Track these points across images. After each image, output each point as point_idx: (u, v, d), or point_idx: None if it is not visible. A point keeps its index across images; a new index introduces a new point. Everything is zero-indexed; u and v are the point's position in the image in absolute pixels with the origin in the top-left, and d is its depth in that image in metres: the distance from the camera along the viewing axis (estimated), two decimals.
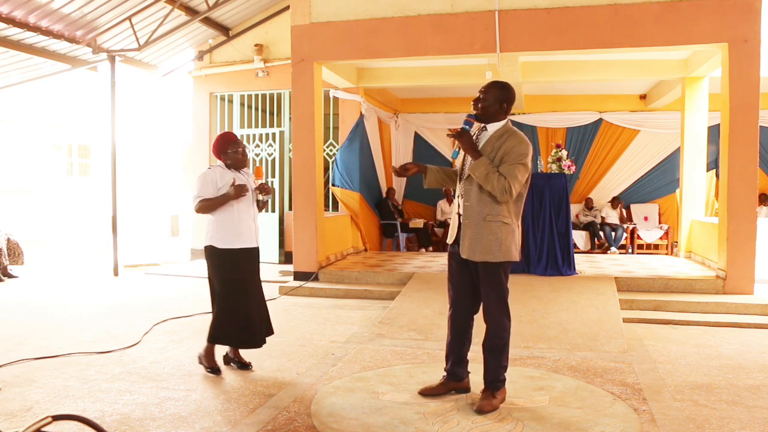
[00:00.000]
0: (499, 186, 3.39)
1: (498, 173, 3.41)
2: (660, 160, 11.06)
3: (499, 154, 3.46)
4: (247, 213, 4.21)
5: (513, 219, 3.54)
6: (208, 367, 4.21)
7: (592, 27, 6.75)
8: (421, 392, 3.75)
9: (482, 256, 3.48)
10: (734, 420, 3.38)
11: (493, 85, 3.60)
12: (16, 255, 9.44)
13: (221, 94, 10.43)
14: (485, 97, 3.55)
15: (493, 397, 3.53)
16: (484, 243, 3.47)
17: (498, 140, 3.50)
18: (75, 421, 1.76)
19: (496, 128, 3.56)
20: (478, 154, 3.49)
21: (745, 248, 6.45)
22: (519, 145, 3.46)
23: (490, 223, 3.47)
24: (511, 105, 3.59)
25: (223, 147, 4.21)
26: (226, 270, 4.14)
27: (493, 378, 3.56)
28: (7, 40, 7.92)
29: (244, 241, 4.16)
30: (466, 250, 3.52)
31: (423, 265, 8.15)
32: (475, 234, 3.49)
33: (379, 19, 7.26)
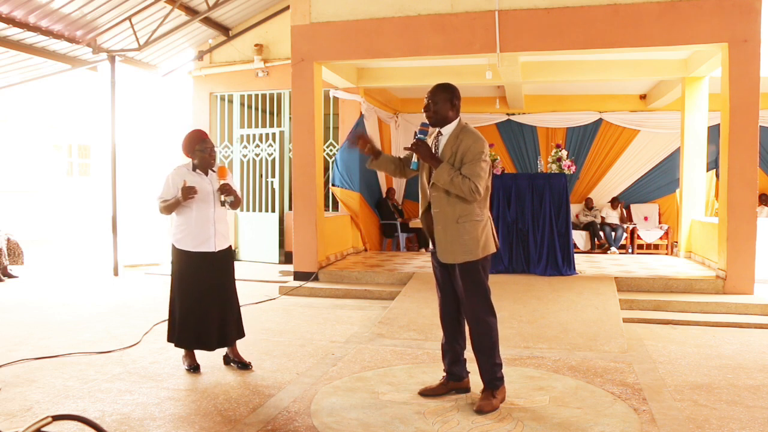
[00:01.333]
0: (465, 188, 3.43)
1: (461, 175, 3.44)
2: (660, 160, 11.06)
3: (458, 155, 3.50)
4: (206, 216, 4.14)
5: (484, 214, 3.59)
6: (186, 367, 4.24)
7: (592, 27, 6.75)
8: (421, 392, 3.75)
9: (463, 257, 3.51)
10: (734, 420, 3.38)
11: (437, 88, 3.65)
12: (16, 255, 9.44)
13: (221, 94, 10.43)
14: (434, 101, 3.60)
15: (492, 396, 3.53)
16: (460, 244, 3.50)
17: (455, 141, 3.54)
18: (75, 421, 1.76)
19: (450, 130, 3.60)
20: (438, 162, 3.52)
21: (745, 248, 6.45)
22: (475, 143, 3.50)
23: (464, 224, 3.51)
24: (459, 101, 3.64)
25: (191, 145, 4.18)
26: (179, 269, 4.19)
27: (490, 377, 3.56)
28: (7, 40, 7.92)
29: (198, 244, 4.13)
30: (444, 254, 3.55)
31: (423, 265, 8.15)
32: (451, 237, 3.52)
33: (379, 19, 7.26)
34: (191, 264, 4.15)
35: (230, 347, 4.34)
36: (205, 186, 4.16)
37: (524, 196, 7.47)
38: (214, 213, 4.17)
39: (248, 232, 10.14)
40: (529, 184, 7.50)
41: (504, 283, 6.88)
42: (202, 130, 4.32)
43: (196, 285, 4.15)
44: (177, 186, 4.10)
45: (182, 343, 4.22)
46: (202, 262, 4.15)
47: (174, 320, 4.22)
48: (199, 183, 4.14)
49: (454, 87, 3.66)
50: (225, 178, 4.13)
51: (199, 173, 4.21)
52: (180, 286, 4.19)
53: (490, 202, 7.37)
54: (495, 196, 7.52)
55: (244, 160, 10.15)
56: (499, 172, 7.72)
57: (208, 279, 4.17)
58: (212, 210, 4.17)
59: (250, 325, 5.64)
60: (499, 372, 3.58)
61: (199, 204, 4.13)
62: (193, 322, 4.14)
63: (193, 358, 4.29)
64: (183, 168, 4.20)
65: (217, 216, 4.19)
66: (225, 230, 4.28)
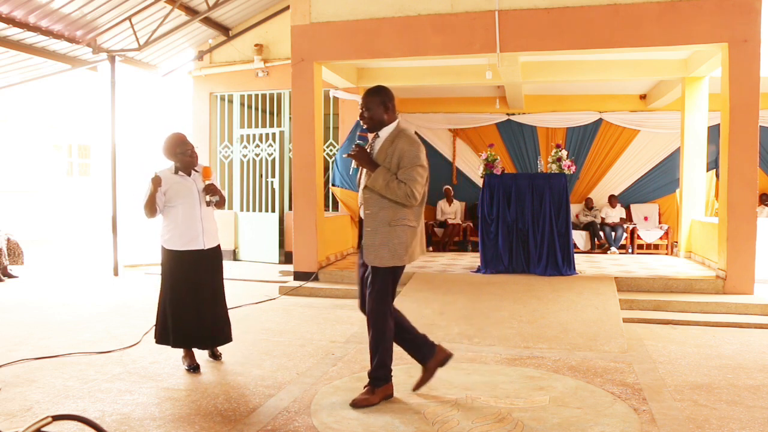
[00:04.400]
0: (401, 193, 3.43)
1: (397, 180, 3.44)
2: (660, 160, 11.05)
3: (394, 159, 3.49)
4: (193, 215, 4.20)
5: (417, 220, 3.58)
6: (186, 367, 4.27)
7: (592, 27, 6.75)
8: (414, 389, 3.77)
9: (389, 262, 3.51)
10: (734, 420, 3.38)
11: (367, 93, 3.64)
12: (16, 255, 9.44)
13: (221, 94, 10.43)
14: (367, 107, 3.60)
15: (372, 393, 3.59)
16: (389, 248, 3.50)
17: (391, 145, 3.54)
18: (75, 421, 1.76)
19: (387, 133, 3.59)
20: (375, 166, 3.51)
21: (745, 248, 6.45)
22: (411, 147, 3.50)
23: (395, 228, 3.50)
24: (393, 103, 3.63)
25: (172, 148, 4.24)
26: (169, 270, 4.24)
27: (375, 375, 3.61)
28: (7, 40, 7.92)
29: (186, 243, 4.19)
30: (371, 257, 3.53)
31: (423, 265, 8.15)
32: (381, 240, 3.51)
33: (379, 19, 7.26)
34: (182, 263, 4.20)
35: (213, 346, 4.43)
36: (189, 186, 4.23)
37: (524, 196, 7.47)
38: (200, 212, 4.24)
39: (248, 232, 10.15)
40: (529, 184, 7.49)
41: (504, 283, 6.88)
42: (181, 134, 4.34)
43: (188, 284, 4.19)
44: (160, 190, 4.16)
45: (178, 342, 4.24)
46: (192, 260, 4.21)
47: (166, 321, 4.23)
48: (183, 184, 4.21)
49: (385, 89, 3.65)
50: (210, 178, 4.21)
51: (181, 175, 4.25)
52: (172, 286, 4.22)
53: (491, 201, 7.48)
54: (495, 196, 7.53)
55: (244, 160, 10.15)
56: (499, 172, 7.72)
57: (199, 277, 4.22)
58: (198, 209, 4.23)
59: (250, 325, 5.66)
60: (385, 372, 3.62)
61: (185, 203, 4.19)
62: (188, 321, 4.19)
63: (193, 358, 4.31)
64: (165, 171, 4.25)
65: (203, 214, 4.26)
66: (213, 228, 4.34)
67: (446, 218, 10.98)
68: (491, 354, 4.72)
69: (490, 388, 3.89)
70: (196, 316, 4.19)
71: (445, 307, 5.97)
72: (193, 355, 4.32)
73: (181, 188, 4.19)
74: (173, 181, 4.19)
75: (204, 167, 4.26)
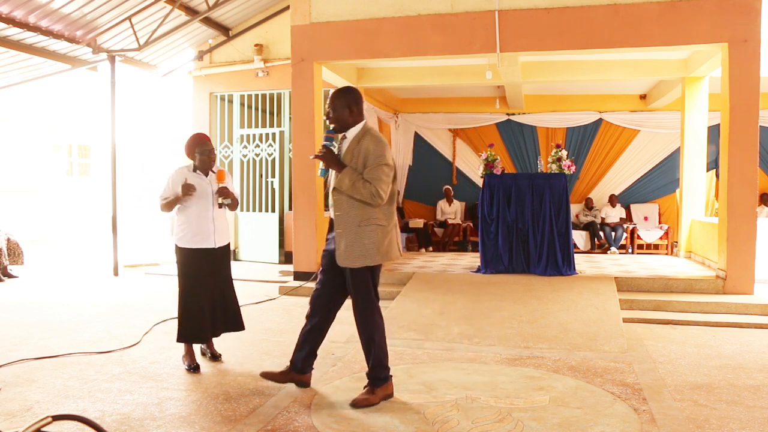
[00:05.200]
0: (367, 193, 3.44)
1: (363, 180, 3.44)
2: (660, 160, 11.06)
3: (360, 159, 3.51)
4: (205, 214, 4.33)
5: (387, 219, 3.58)
6: (186, 366, 4.30)
7: (592, 27, 6.75)
8: (262, 374, 3.79)
9: (360, 262, 3.51)
10: (734, 420, 3.38)
11: (335, 94, 3.64)
12: (16, 255, 9.44)
13: (221, 94, 10.42)
14: (332, 108, 3.61)
15: (372, 393, 3.60)
16: (360, 248, 3.50)
17: (357, 145, 3.55)
18: (75, 421, 1.76)
19: (354, 134, 3.60)
20: (342, 167, 3.52)
21: (745, 248, 6.45)
22: (376, 146, 3.51)
23: (365, 228, 3.51)
24: (358, 106, 3.62)
25: (192, 148, 4.41)
26: (182, 267, 4.37)
27: (374, 375, 3.62)
28: (7, 40, 7.92)
29: (198, 241, 4.32)
30: (342, 258, 3.54)
31: (423, 265, 8.15)
32: (351, 241, 3.52)
33: (379, 19, 7.26)
34: (193, 260, 4.33)
35: None
36: (204, 186, 4.36)
37: (524, 196, 7.47)
38: (213, 212, 4.36)
39: (248, 232, 10.15)
40: (529, 184, 7.49)
41: (504, 283, 6.88)
42: (203, 134, 4.54)
43: (199, 280, 4.32)
44: (177, 185, 4.29)
45: (182, 337, 4.30)
46: (203, 257, 4.34)
47: (180, 316, 4.33)
48: (199, 183, 4.35)
49: (352, 91, 3.66)
50: (223, 182, 4.34)
51: (199, 174, 4.40)
52: (186, 284, 4.35)
53: (491, 201, 7.48)
54: (495, 196, 7.52)
55: (244, 160, 10.14)
56: (499, 172, 7.71)
57: (210, 272, 4.35)
58: (211, 209, 4.35)
59: (250, 325, 5.64)
60: (384, 371, 3.63)
61: (199, 203, 4.32)
62: (202, 314, 4.30)
63: (193, 358, 4.33)
64: (184, 169, 4.42)
65: (216, 214, 4.39)
66: (224, 227, 4.47)
67: (446, 218, 10.98)
68: (491, 354, 4.72)
69: (490, 388, 3.89)
70: (209, 307, 4.33)
71: (445, 307, 5.97)
72: (194, 355, 4.36)
73: (199, 187, 4.31)
74: (190, 179, 4.32)
75: (219, 170, 4.37)
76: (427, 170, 11.71)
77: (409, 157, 11.79)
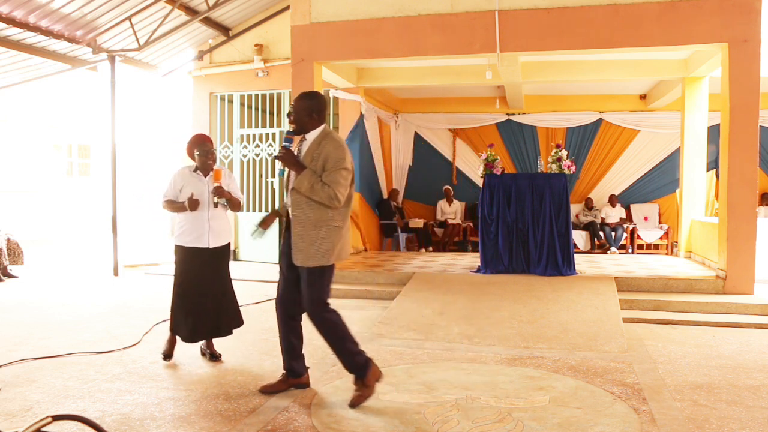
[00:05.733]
0: (325, 195, 3.47)
1: (322, 183, 3.48)
2: (660, 160, 11.06)
3: (320, 161, 3.53)
4: (201, 215, 4.38)
5: (343, 220, 3.63)
6: (162, 353, 4.46)
7: (592, 27, 6.75)
8: (261, 390, 3.78)
9: (315, 262, 3.54)
10: (734, 420, 3.38)
11: (300, 96, 3.68)
12: (16, 255, 9.43)
13: (221, 94, 10.42)
14: (294, 110, 3.64)
15: (364, 385, 3.60)
16: (316, 248, 3.53)
17: (317, 148, 3.57)
18: (75, 421, 1.77)
19: (314, 136, 3.63)
20: (301, 168, 3.55)
21: (745, 248, 6.45)
22: (336, 150, 3.54)
23: (322, 229, 3.55)
24: (321, 113, 3.66)
25: (191, 148, 4.49)
26: (177, 264, 4.46)
27: (353, 367, 3.63)
28: (7, 40, 7.92)
29: (192, 240, 4.37)
30: (299, 257, 3.56)
31: (423, 265, 8.15)
32: (308, 241, 3.54)
33: (379, 19, 7.26)
34: (186, 258, 4.40)
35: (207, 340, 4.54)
36: (201, 187, 4.41)
37: (524, 196, 7.47)
38: (208, 212, 4.39)
39: (248, 232, 10.12)
40: (529, 184, 7.49)
41: (504, 283, 6.88)
42: (203, 135, 4.58)
43: (191, 278, 4.39)
44: (176, 186, 4.42)
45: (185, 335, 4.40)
46: (196, 256, 4.38)
47: (176, 314, 4.44)
48: (197, 184, 4.40)
49: (317, 96, 3.69)
50: (219, 181, 4.36)
51: (198, 174, 4.45)
52: (178, 280, 4.43)
53: (491, 201, 7.48)
54: (495, 196, 7.53)
55: (244, 160, 10.14)
56: (499, 172, 7.72)
57: (203, 272, 4.40)
58: (207, 209, 4.38)
59: (250, 325, 5.65)
60: (360, 359, 3.63)
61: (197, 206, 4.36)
62: (188, 314, 4.36)
63: (171, 347, 4.48)
64: (186, 169, 4.47)
65: (211, 215, 4.40)
66: (221, 228, 4.47)
67: (446, 218, 10.98)
68: (491, 354, 4.72)
69: (490, 388, 3.89)
70: (200, 309, 4.35)
71: (445, 307, 5.97)
72: (173, 345, 4.49)
73: (196, 187, 4.37)
74: (191, 179, 4.39)
75: (215, 170, 4.40)
76: (427, 170, 11.71)
77: (409, 157, 11.79)
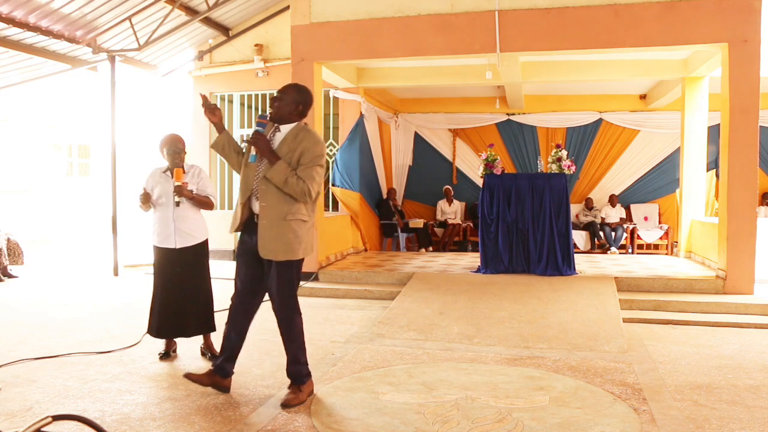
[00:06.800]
0: (298, 189, 3.45)
1: (296, 176, 3.45)
2: (660, 160, 11.06)
3: (296, 155, 3.50)
4: (166, 215, 4.40)
5: (310, 215, 3.62)
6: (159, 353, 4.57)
7: (592, 27, 6.75)
8: (186, 375, 3.75)
9: (284, 255, 3.51)
10: (734, 420, 3.38)
11: (291, 86, 3.64)
12: (16, 255, 9.43)
13: (221, 94, 10.43)
14: (282, 97, 3.58)
15: (299, 390, 3.62)
16: (284, 242, 3.51)
17: (294, 140, 3.54)
18: (75, 421, 1.77)
19: (289, 128, 3.59)
20: (276, 158, 3.50)
21: (745, 248, 6.45)
22: (315, 146, 3.52)
23: (290, 222, 3.52)
24: (307, 108, 3.63)
25: (161, 147, 4.49)
26: (153, 264, 4.57)
27: (296, 374, 3.65)
28: (7, 40, 7.92)
29: (160, 240, 4.45)
30: (266, 250, 3.53)
31: (423, 265, 8.15)
32: (276, 234, 3.51)
33: (379, 19, 7.26)
34: (157, 258, 4.51)
35: (204, 339, 4.58)
36: (169, 187, 4.40)
37: (524, 196, 7.47)
38: (173, 212, 4.39)
39: None
40: (529, 184, 7.50)
41: (504, 283, 6.88)
42: (174, 135, 4.52)
43: (161, 277, 4.48)
44: (147, 187, 4.47)
45: (152, 331, 4.53)
46: (164, 256, 4.46)
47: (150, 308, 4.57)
48: (165, 184, 4.42)
49: (308, 92, 3.65)
50: (179, 180, 4.32)
51: (167, 174, 4.47)
52: (153, 281, 4.55)
53: (491, 201, 7.48)
54: (495, 196, 7.53)
55: None
56: (499, 172, 7.72)
57: (169, 272, 4.45)
58: (172, 209, 4.39)
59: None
60: (304, 369, 3.67)
61: (164, 203, 4.41)
62: (155, 311, 4.48)
63: (169, 347, 4.55)
64: (157, 170, 4.51)
65: (177, 215, 4.40)
66: (188, 229, 4.45)
67: (446, 218, 10.98)
68: (491, 354, 4.72)
69: (490, 388, 3.89)
70: (165, 308, 4.43)
71: (445, 307, 5.97)
72: (166, 344, 4.55)
73: (163, 187, 4.41)
74: (159, 179, 4.43)
75: (176, 169, 4.36)
76: (427, 170, 11.71)
77: (409, 157, 11.79)
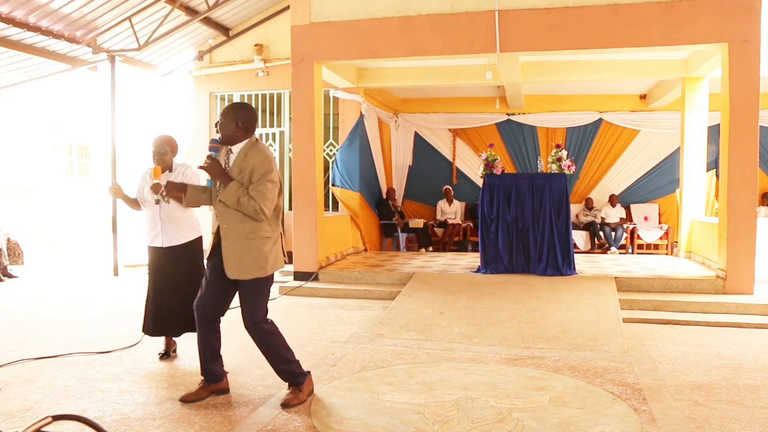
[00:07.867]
0: (251, 209, 3.45)
1: (248, 196, 3.44)
2: (660, 160, 11.06)
3: (246, 174, 3.50)
4: (153, 214, 4.49)
5: (273, 230, 3.61)
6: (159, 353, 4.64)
7: (592, 27, 6.75)
8: (182, 399, 3.66)
9: (252, 274, 3.52)
10: (734, 420, 3.38)
11: (229, 106, 3.63)
12: (16, 255, 9.43)
13: (221, 94, 10.43)
14: (222, 120, 3.58)
15: (299, 390, 3.63)
16: (250, 261, 3.50)
17: (243, 160, 3.53)
18: (75, 421, 1.76)
19: (240, 147, 3.59)
20: (228, 180, 3.50)
21: (745, 248, 6.45)
22: (262, 163, 3.49)
23: (253, 241, 3.51)
24: (249, 123, 3.58)
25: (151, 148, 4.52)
26: (148, 263, 4.63)
27: (290, 378, 3.66)
28: (7, 40, 7.92)
29: (150, 239, 4.54)
30: (233, 270, 3.52)
31: (423, 265, 8.15)
32: (240, 254, 3.51)
33: (379, 19, 7.26)
34: (149, 257, 4.59)
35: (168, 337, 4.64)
36: None
37: (524, 196, 7.47)
38: (159, 212, 4.45)
39: None
40: (529, 184, 7.50)
41: (504, 283, 6.88)
42: (163, 136, 4.54)
43: (152, 276, 4.57)
44: (139, 186, 4.55)
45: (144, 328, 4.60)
46: (155, 256, 4.54)
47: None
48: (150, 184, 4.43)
49: (246, 108, 3.62)
50: (157, 179, 4.29)
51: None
52: (147, 278, 4.62)
53: (491, 201, 7.48)
54: (495, 196, 7.53)
55: None
56: (499, 172, 7.72)
57: (159, 272, 4.52)
58: (158, 209, 4.44)
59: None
60: (297, 369, 3.67)
61: (147, 204, 4.48)
62: (149, 310, 4.55)
63: (167, 346, 4.60)
64: (148, 170, 4.53)
65: (163, 215, 4.45)
66: (176, 229, 4.49)
67: (446, 218, 10.98)
68: (491, 354, 4.72)
69: (490, 388, 3.89)
70: (156, 307, 4.51)
71: (445, 307, 5.97)
72: (168, 343, 4.60)
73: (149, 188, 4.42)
74: (148, 180, 4.45)
75: (153, 168, 4.36)
76: (427, 170, 11.71)
77: (409, 157, 11.79)
